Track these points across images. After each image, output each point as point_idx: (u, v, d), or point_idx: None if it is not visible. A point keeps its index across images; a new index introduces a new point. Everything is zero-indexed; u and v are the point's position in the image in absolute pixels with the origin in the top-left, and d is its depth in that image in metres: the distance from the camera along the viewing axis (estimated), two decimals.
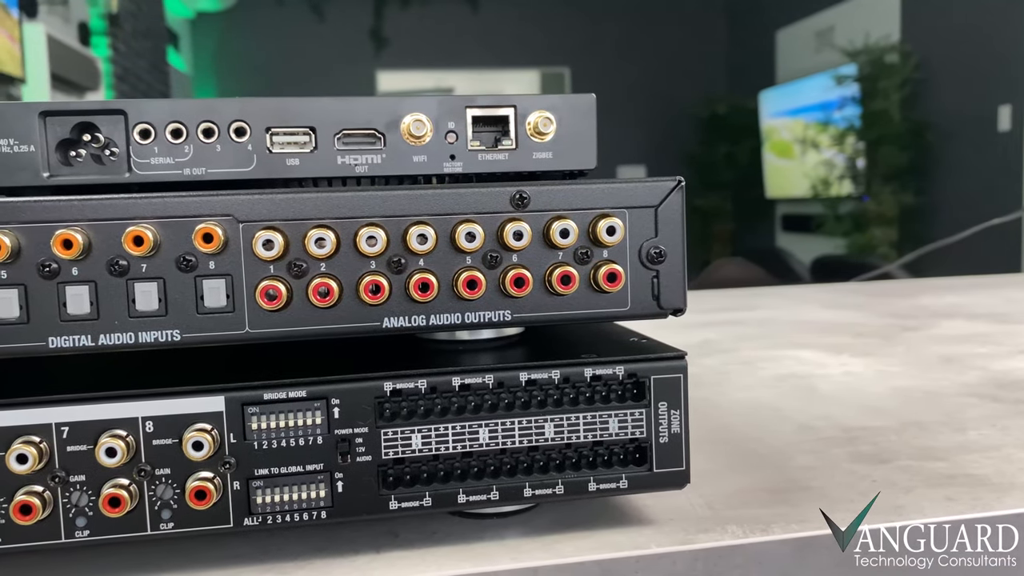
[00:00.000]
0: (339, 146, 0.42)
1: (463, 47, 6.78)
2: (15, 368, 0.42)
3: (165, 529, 0.38)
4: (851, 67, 4.97)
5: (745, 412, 0.65)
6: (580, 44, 6.88)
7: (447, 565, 0.39)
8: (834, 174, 5.16)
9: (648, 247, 0.41)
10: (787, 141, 5.87)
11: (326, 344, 0.44)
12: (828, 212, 5.22)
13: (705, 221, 6.71)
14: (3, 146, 0.39)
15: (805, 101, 5.63)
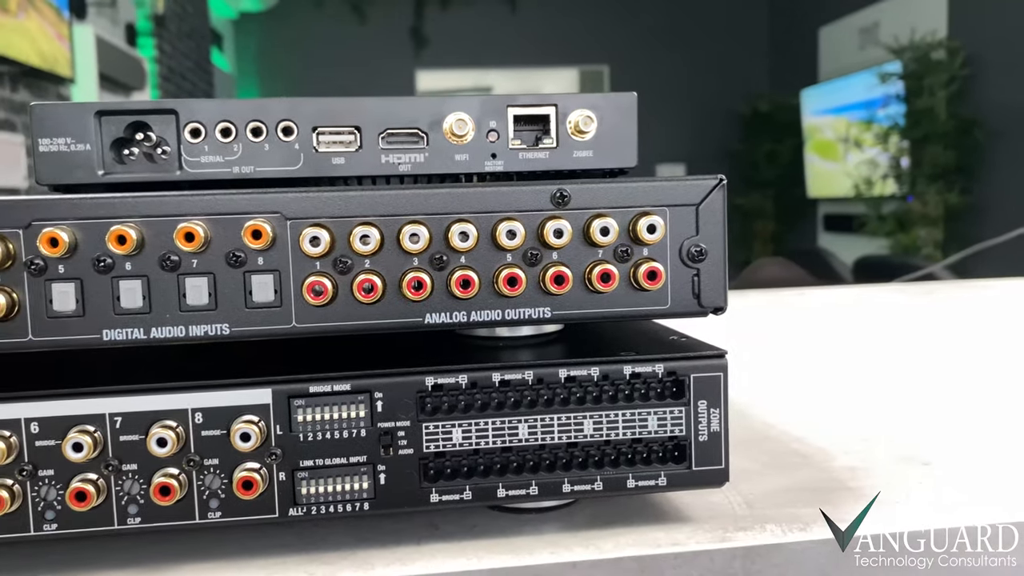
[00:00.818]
0: (383, 145, 0.43)
1: (502, 46, 6.79)
2: (70, 359, 0.44)
3: (213, 518, 0.39)
4: (895, 64, 4.89)
5: (787, 411, 0.65)
6: (620, 42, 6.86)
7: (486, 558, 0.40)
8: (877, 173, 5.08)
9: (689, 245, 0.42)
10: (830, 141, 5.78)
11: (369, 339, 0.45)
12: (871, 212, 5.13)
13: (746, 220, 6.65)
14: (61, 145, 0.40)
15: (848, 99, 5.55)
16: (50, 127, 0.40)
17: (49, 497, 0.38)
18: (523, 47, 6.82)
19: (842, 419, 0.63)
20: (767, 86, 6.94)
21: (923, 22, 4.88)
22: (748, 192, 6.62)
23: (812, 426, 0.60)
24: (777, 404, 0.67)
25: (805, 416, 0.63)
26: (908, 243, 4.77)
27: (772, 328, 1.08)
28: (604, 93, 0.44)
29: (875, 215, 5.10)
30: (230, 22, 6.85)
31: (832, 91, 5.85)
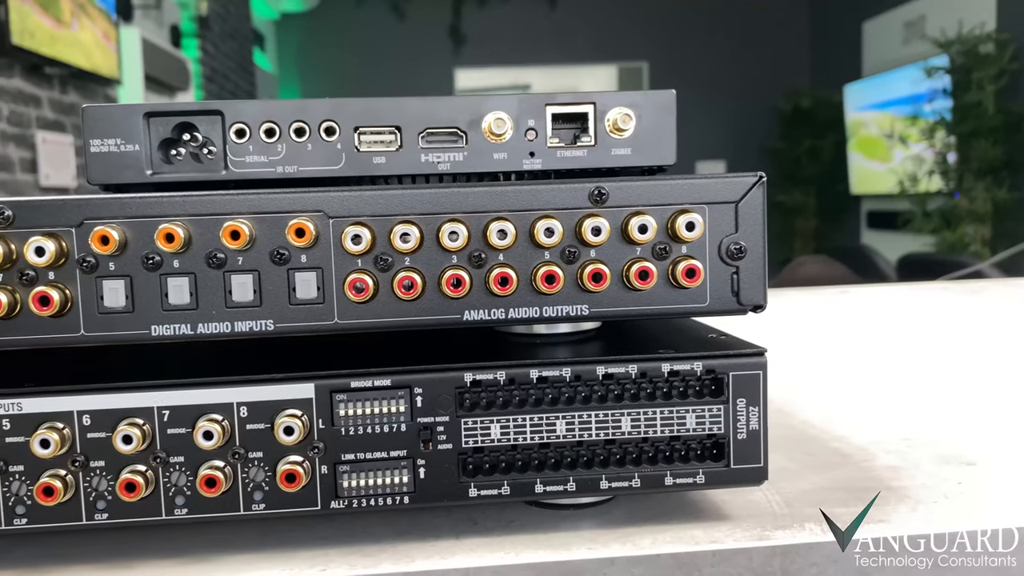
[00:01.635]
0: (423, 144, 0.43)
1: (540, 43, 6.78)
2: (119, 354, 0.45)
3: (257, 510, 0.40)
4: (942, 58, 4.78)
5: (827, 410, 0.64)
6: (659, 38, 6.81)
7: (524, 553, 0.40)
8: (923, 169, 4.98)
9: (728, 243, 0.41)
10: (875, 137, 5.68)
11: (409, 335, 0.45)
12: (916, 209, 5.03)
13: (786, 217, 6.56)
14: (111, 146, 0.42)
15: (893, 94, 5.45)
16: (101, 128, 0.42)
17: (100, 488, 0.40)
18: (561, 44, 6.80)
19: (884, 419, 0.62)
20: (809, 81, 6.84)
21: (971, 15, 4.78)
22: (789, 189, 6.53)
23: (853, 425, 0.60)
24: (817, 403, 0.66)
25: (846, 415, 0.63)
26: (954, 240, 4.67)
27: (813, 327, 1.07)
28: (643, 91, 0.44)
29: (920, 212, 5.00)
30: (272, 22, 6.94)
31: (876, 86, 5.75)
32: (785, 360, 0.82)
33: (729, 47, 6.82)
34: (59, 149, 3.24)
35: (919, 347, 0.90)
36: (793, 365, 0.80)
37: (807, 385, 0.73)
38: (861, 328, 1.06)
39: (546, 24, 6.75)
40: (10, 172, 2.93)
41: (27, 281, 0.38)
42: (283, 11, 6.74)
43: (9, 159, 2.93)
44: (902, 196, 5.18)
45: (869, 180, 5.92)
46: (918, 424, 0.60)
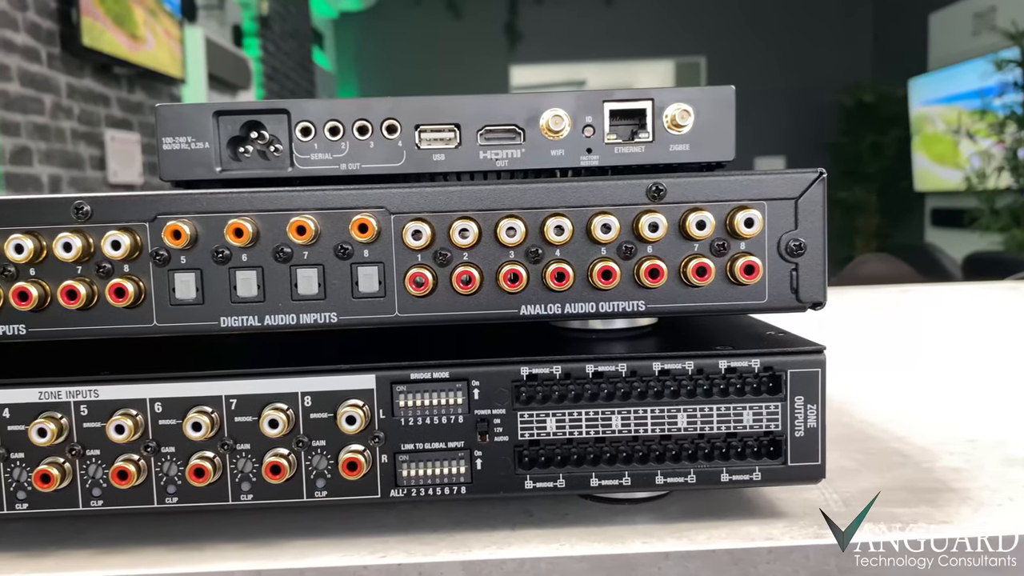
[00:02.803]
0: (482, 141, 0.44)
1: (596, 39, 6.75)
2: (188, 345, 0.47)
3: (319, 497, 0.41)
4: (1013, 51, 4.63)
5: (888, 410, 0.63)
6: (717, 32, 6.72)
7: (579, 545, 0.40)
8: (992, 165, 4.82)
9: (787, 239, 0.41)
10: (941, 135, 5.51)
11: (467, 329, 0.46)
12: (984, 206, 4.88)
13: (848, 215, 6.42)
14: (182, 143, 0.43)
15: (960, 88, 5.28)
16: (173, 127, 0.43)
17: (171, 473, 0.41)
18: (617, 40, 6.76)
19: (948, 420, 0.61)
20: (872, 76, 6.68)
21: None
22: (850, 186, 6.39)
23: (915, 426, 0.58)
24: (878, 403, 0.65)
25: (908, 415, 0.62)
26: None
27: (875, 326, 1.05)
28: (701, 87, 0.44)
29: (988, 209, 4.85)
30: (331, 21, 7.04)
31: (943, 80, 5.58)
32: (845, 359, 0.81)
33: (790, 41, 6.70)
34: (126, 147, 3.35)
35: (985, 348, 0.88)
36: (853, 364, 0.79)
37: (867, 384, 0.72)
38: (924, 328, 1.04)
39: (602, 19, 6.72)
40: (80, 169, 3.03)
41: (104, 273, 0.40)
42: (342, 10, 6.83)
43: (80, 156, 3.03)
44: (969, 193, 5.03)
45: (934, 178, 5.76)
46: (983, 426, 0.59)
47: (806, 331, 0.45)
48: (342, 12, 6.90)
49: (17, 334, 0.40)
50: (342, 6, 6.75)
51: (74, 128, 2.99)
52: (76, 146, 3.00)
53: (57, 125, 2.88)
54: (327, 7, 6.64)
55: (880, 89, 6.36)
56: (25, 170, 2.67)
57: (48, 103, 2.82)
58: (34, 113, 2.73)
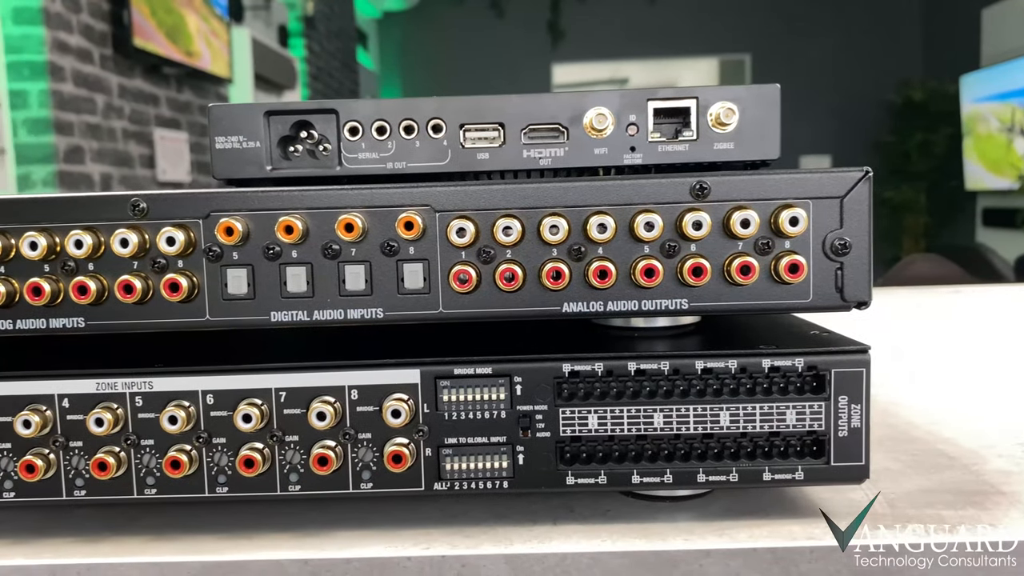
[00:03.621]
0: (525, 140, 0.44)
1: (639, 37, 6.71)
2: (239, 339, 0.48)
3: (365, 489, 0.42)
4: None
5: (935, 412, 0.62)
6: (762, 29, 6.64)
7: (620, 541, 0.41)
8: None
9: (832, 238, 0.41)
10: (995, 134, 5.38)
11: (510, 325, 0.47)
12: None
13: (895, 214, 6.29)
14: (234, 142, 0.44)
15: (1015, 84, 5.15)
16: (225, 126, 0.44)
17: (221, 463, 0.42)
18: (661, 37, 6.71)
19: (997, 422, 0.60)
20: (921, 73, 6.54)
21: None
22: (898, 185, 6.27)
23: (963, 428, 0.58)
24: (925, 404, 0.65)
25: (955, 418, 0.61)
26: None
27: (923, 327, 1.04)
28: (746, 85, 0.44)
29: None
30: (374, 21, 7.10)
31: (996, 76, 5.45)
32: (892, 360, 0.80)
33: (836, 37, 6.59)
34: (175, 146, 3.41)
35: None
36: (900, 365, 0.78)
37: (914, 386, 0.71)
38: (974, 329, 1.02)
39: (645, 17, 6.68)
40: (130, 167, 3.10)
41: (159, 268, 0.41)
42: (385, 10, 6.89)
43: (130, 155, 3.10)
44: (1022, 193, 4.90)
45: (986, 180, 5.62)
46: None
47: (851, 331, 0.45)
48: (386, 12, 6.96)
49: (76, 327, 0.42)
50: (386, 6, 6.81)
51: (125, 127, 3.06)
52: (126, 145, 3.07)
53: (108, 124, 2.95)
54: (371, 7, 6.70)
55: (930, 86, 6.23)
56: (78, 168, 2.74)
57: (100, 103, 2.89)
58: (87, 113, 2.80)
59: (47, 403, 0.42)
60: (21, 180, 2.59)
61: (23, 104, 2.59)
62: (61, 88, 2.65)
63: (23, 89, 2.58)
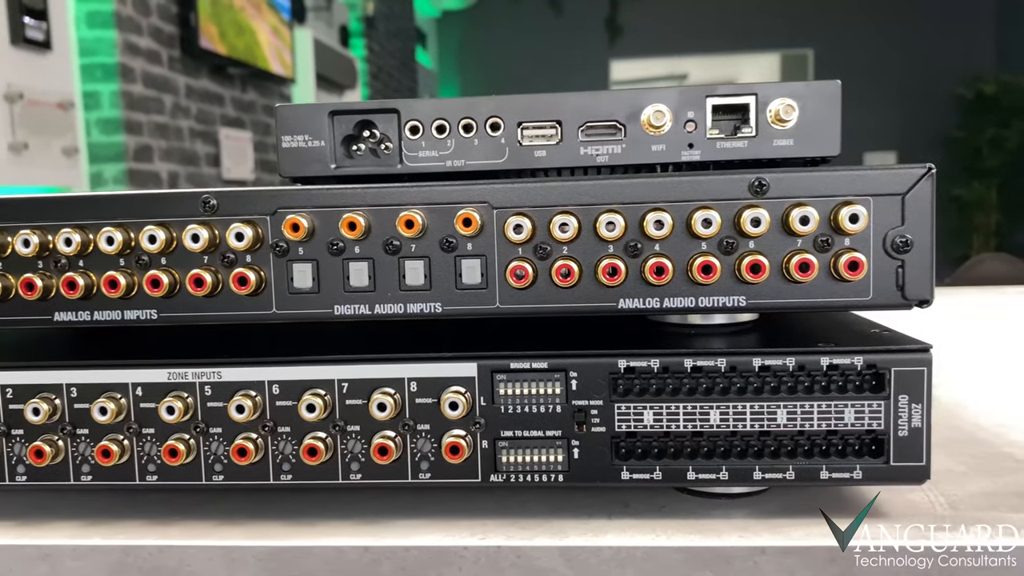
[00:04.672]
0: (582, 138, 0.45)
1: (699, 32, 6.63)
2: (302, 331, 0.50)
3: (423, 479, 0.43)
4: None
5: (1001, 413, 0.61)
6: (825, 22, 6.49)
7: (675, 537, 0.41)
8: None
9: (893, 236, 0.41)
10: None
11: (566, 321, 0.47)
12: None
13: (964, 212, 6.11)
14: (300, 141, 0.46)
15: None
16: (291, 126, 0.46)
17: (286, 451, 0.44)
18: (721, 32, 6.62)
19: None
20: (994, 66, 6.32)
21: None
22: (968, 182, 6.08)
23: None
24: (991, 405, 0.63)
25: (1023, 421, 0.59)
26: None
27: (991, 328, 1.01)
28: (807, 81, 0.44)
29: None
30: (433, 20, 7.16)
31: None
32: (957, 360, 0.78)
33: (904, 30, 6.41)
34: (239, 144, 3.50)
35: None
36: (967, 366, 0.76)
37: (980, 387, 0.69)
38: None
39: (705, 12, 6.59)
40: (196, 166, 3.19)
41: (228, 263, 0.43)
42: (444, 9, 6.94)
43: (196, 154, 3.19)
44: None
45: None
46: None
47: (915, 331, 0.44)
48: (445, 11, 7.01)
49: (149, 318, 0.44)
50: (445, 5, 6.86)
51: (191, 127, 3.14)
52: (193, 144, 3.16)
53: (176, 124, 3.03)
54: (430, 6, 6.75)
55: (1003, 79, 6.02)
56: (146, 167, 2.83)
57: (168, 103, 2.98)
58: (155, 113, 2.89)
59: (121, 391, 0.44)
60: (93, 178, 2.69)
61: (95, 105, 2.68)
62: (131, 89, 2.73)
63: (96, 90, 2.68)
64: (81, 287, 0.43)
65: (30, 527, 0.45)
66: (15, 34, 2.18)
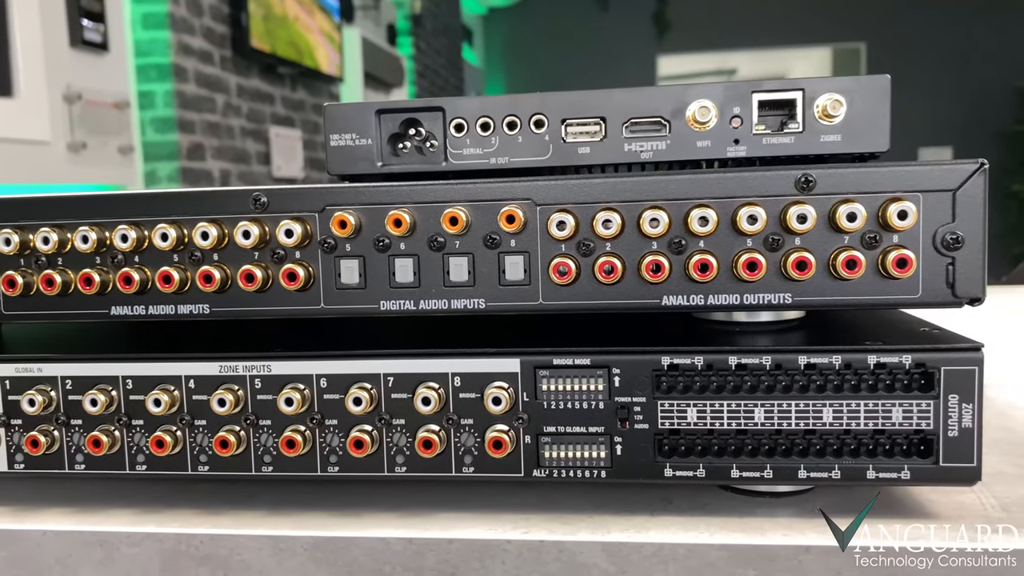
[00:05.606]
0: (626, 134, 0.45)
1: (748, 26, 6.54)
2: (349, 326, 0.50)
3: (467, 472, 0.44)
4: None
5: None
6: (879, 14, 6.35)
7: (719, 534, 0.41)
8: None
9: (944, 232, 0.40)
10: None
11: (608, 317, 0.47)
12: None
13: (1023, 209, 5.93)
14: (347, 140, 0.46)
15: None
16: (339, 124, 0.46)
17: (333, 444, 0.45)
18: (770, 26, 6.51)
19: None
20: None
21: None
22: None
23: None
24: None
25: None
26: None
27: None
28: (855, 76, 0.43)
29: None
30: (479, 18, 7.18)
31: None
32: (1014, 362, 0.76)
33: (960, 22, 6.24)
34: (288, 143, 3.55)
35: None
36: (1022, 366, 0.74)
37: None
38: None
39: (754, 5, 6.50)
40: (247, 164, 3.24)
41: (278, 259, 0.44)
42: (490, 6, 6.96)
43: (247, 152, 3.24)
44: None
45: None
46: None
47: (968, 330, 0.43)
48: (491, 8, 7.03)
49: (202, 313, 0.45)
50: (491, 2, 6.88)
51: (242, 125, 3.20)
52: (244, 142, 3.21)
53: (227, 123, 3.09)
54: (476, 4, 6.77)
55: None
56: (199, 165, 2.89)
57: (220, 102, 3.04)
58: (207, 112, 2.94)
59: (175, 383, 0.45)
60: (148, 176, 2.76)
61: (150, 104, 2.75)
62: (184, 88, 2.79)
63: (150, 90, 2.74)
64: (137, 282, 0.44)
65: (88, 514, 0.46)
66: (74, 36, 2.24)
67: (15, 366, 0.46)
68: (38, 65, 2.11)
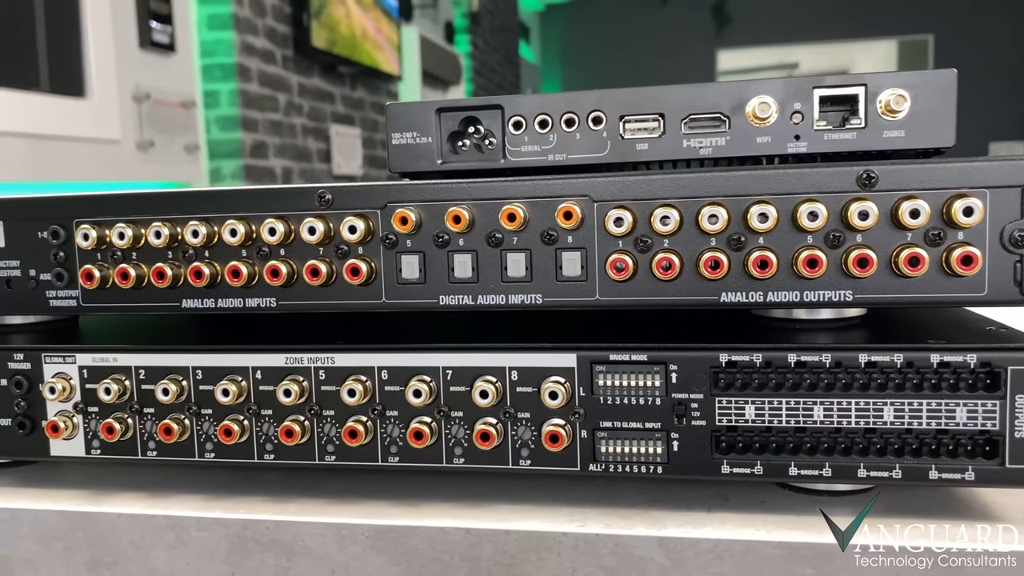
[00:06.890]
0: (685, 130, 0.45)
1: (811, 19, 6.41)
2: (409, 320, 0.51)
3: (523, 465, 0.44)
4: None
5: None
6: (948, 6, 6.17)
7: (775, 532, 0.41)
8: None
9: (1012, 229, 0.39)
10: None
11: (666, 314, 0.47)
12: None
13: None
14: (408, 138, 0.47)
15: None
16: (401, 123, 0.47)
17: (393, 434, 0.46)
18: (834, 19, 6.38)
19: None
20: None
21: None
22: None
23: None
24: None
25: None
26: None
27: None
28: (919, 71, 0.43)
29: None
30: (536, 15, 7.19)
31: None
32: None
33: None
34: (348, 141, 3.60)
35: None
36: None
37: None
38: None
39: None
40: (308, 161, 3.30)
41: (341, 254, 0.45)
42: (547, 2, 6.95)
43: (308, 150, 3.30)
44: None
45: None
46: None
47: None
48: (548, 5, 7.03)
49: (269, 306, 0.46)
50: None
51: (304, 124, 3.26)
52: (305, 140, 3.28)
53: (289, 121, 3.15)
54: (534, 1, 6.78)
55: None
56: (262, 163, 2.96)
57: (282, 101, 3.10)
58: (270, 111, 3.01)
59: (243, 374, 0.47)
60: (213, 174, 2.83)
61: (215, 103, 2.82)
62: (248, 88, 2.86)
63: (215, 89, 2.81)
64: (207, 276, 0.46)
65: (159, 499, 0.48)
66: (143, 38, 2.31)
67: (92, 356, 0.48)
68: (109, 66, 2.18)
